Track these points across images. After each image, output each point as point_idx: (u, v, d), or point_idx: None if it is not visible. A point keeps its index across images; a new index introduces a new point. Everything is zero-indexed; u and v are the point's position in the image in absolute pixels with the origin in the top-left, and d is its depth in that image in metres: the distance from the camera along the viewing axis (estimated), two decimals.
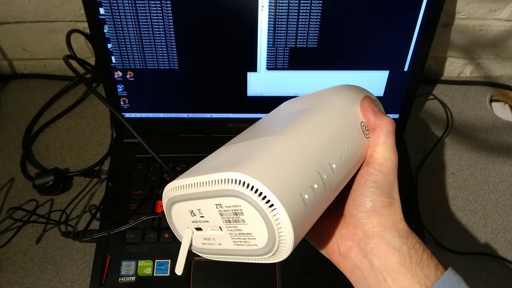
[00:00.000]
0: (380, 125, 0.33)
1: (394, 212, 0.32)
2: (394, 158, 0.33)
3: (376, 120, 0.33)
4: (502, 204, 0.61)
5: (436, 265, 0.30)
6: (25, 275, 0.53)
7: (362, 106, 0.34)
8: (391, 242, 0.31)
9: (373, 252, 0.31)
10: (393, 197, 0.32)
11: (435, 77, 0.76)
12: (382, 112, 0.34)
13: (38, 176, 0.59)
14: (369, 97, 0.35)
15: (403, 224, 0.32)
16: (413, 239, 0.31)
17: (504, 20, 0.66)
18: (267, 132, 0.31)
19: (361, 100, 0.35)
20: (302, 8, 0.51)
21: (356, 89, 0.37)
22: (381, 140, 0.33)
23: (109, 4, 0.51)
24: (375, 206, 0.31)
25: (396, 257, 0.30)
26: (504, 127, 0.69)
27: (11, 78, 0.74)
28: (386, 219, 0.31)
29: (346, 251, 0.33)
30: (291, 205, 0.25)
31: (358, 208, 0.32)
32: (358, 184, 0.33)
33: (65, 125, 0.68)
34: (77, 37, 0.65)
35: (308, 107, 0.34)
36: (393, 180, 0.33)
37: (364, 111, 0.34)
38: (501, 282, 0.54)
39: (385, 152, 0.33)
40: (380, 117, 0.33)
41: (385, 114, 0.34)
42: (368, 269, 0.32)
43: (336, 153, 0.30)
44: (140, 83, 0.57)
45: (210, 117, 0.61)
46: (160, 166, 0.60)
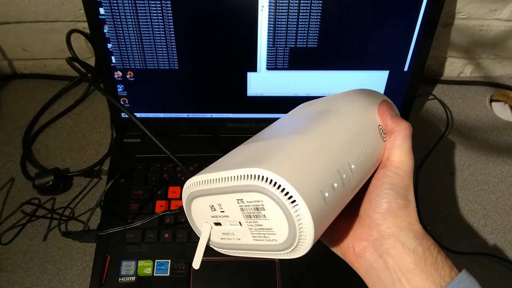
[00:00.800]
0: (397, 128, 0.34)
1: (410, 214, 0.32)
2: (410, 161, 0.33)
3: (394, 124, 0.34)
4: (502, 204, 0.61)
5: (451, 267, 0.31)
6: (25, 275, 0.53)
7: (380, 110, 0.35)
8: (406, 243, 0.31)
9: (388, 252, 0.32)
10: (409, 199, 0.33)
11: (435, 77, 0.76)
12: (399, 116, 0.35)
13: (38, 176, 0.59)
14: (386, 101, 0.36)
15: (418, 226, 0.32)
16: (428, 241, 0.31)
17: (504, 20, 0.66)
18: (286, 132, 0.32)
19: (379, 104, 0.35)
20: (302, 8, 0.51)
21: (373, 93, 0.37)
22: (397, 144, 0.34)
23: (109, 4, 0.51)
24: (391, 207, 0.32)
25: (411, 258, 0.30)
26: (504, 127, 0.69)
27: (11, 78, 0.74)
28: (402, 220, 0.32)
29: (361, 251, 0.34)
30: (313, 202, 0.26)
31: (374, 209, 0.33)
32: (375, 186, 0.33)
33: (65, 125, 0.68)
34: (77, 37, 0.65)
35: (326, 109, 0.34)
36: (409, 183, 0.33)
37: (382, 115, 0.35)
38: (501, 282, 0.54)
39: (401, 155, 0.33)
40: (398, 121, 0.34)
41: (402, 118, 0.35)
42: (383, 269, 0.32)
43: (355, 154, 0.31)
44: (140, 83, 0.57)
45: (210, 117, 0.61)
46: (161, 166, 0.60)
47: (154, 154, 0.61)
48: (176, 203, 0.57)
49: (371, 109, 0.35)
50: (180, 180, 0.59)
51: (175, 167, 0.60)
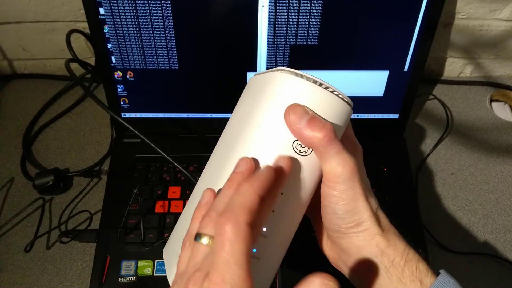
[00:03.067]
0: (314, 142, 0.27)
1: (365, 228, 0.29)
2: (345, 167, 0.28)
3: (306, 139, 0.27)
4: (502, 204, 0.61)
5: (421, 279, 0.29)
6: (25, 275, 0.53)
7: (286, 124, 0.28)
8: (375, 256, 0.29)
9: (354, 270, 0.30)
10: (359, 213, 0.29)
11: (435, 77, 0.76)
12: (313, 119, 0.27)
13: (38, 176, 0.59)
14: (292, 108, 0.27)
15: (377, 240, 0.29)
16: (391, 254, 0.29)
17: (504, 20, 0.66)
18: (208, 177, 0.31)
19: (284, 114, 0.28)
20: (302, 8, 0.51)
21: (277, 93, 0.29)
22: (322, 156, 0.28)
23: (109, 4, 0.51)
24: (341, 229, 0.30)
25: (375, 277, 0.29)
26: (504, 127, 0.69)
27: (11, 78, 0.74)
28: (358, 239, 0.29)
29: (336, 262, 0.33)
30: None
31: (328, 230, 0.31)
32: (322, 205, 0.30)
33: (65, 125, 0.68)
34: (77, 37, 0.65)
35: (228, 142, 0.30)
36: (353, 195, 0.28)
37: (292, 131, 0.28)
38: (501, 282, 0.54)
39: (331, 168, 0.28)
40: (311, 133, 0.27)
41: (317, 121, 0.27)
42: (356, 283, 0.31)
43: (263, 213, 0.27)
44: (140, 83, 0.57)
45: (210, 117, 0.61)
46: (161, 166, 0.60)
47: (154, 154, 0.60)
48: (176, 203, 0.57)
49: (276, 127, 0.28)
50: (180, 180, 0.59)
51: (175, 167, 0.60)
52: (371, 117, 0.62)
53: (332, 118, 0.29)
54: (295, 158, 0.28)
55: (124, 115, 0.61)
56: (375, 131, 0.62)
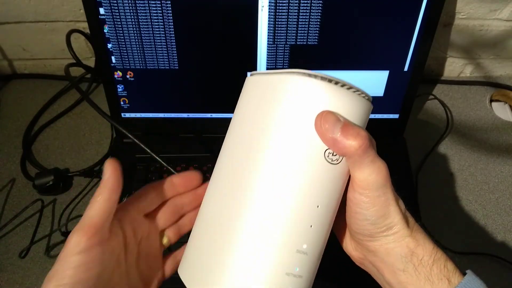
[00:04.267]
0: (349, 151, 0.26)
1: (395, 232, 0.29)
2: (377, 175, 0.28)
3: (341, 149, 0.27)
4: (502, 204, 0.61)
5: (449, 278, 0.29)
6: (25, 275, 0.53)
7: (318, 133, 0.27)
8: (395, 264, 0.30)
9: (381, 270, 0.31)
10: (390, 217, 0.29)
11: (435, 77, 0.76)
12: (346, 127, 0.26)
13: (38, 176, 0.59)
14: (323, 117, 0.26)
15: (407, 241, 0.30)
16: (420, 253, 0.29)
17: (504, 20, 0.66)
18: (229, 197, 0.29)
19: (315, 122, 0.26)
20: (302, 8, 0.51)
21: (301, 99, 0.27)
22: (355, 165, 0.27)
23: (109, 4, 0.51)
24: (372, 233, 0.30)
25: (404, 277, 0.29)
26: (504, 127, 0.69)
27: (11, 78, 0.74)
28: (387, 241, 0.30)
29: (361, 261, 0.33)
30: None
31: (356, 234, 0.31)
32: (349, 211, 0.30)
33: (65, 125, 0.68)
34: (77, 37, 0.65)
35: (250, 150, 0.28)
36: (385, 200, 0.28)
37: (323, 139, 0.27)
38: (501, 282, 0.54)
39: (363, 175, 0.28)
40: (344, 140, 0.26)
41: (351, 127, 0.26)
42: (383, 283, 0.32)
43: (302, 231, 0.26)
44: (140, 83, 0.57)
45: (210, 117, 0.61)
46: (160, 166, 0.60)
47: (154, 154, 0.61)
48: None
49: (307, 137, 0.26)
50: None
51: (175, 167, 0.60)
52: (371, 117, 0.61)
53: (358, 119, 0.28)
54: (327, 168, 0.27)
55: (124, 115, 0.61)
56: (375, 131, 0.62)
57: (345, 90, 0.27)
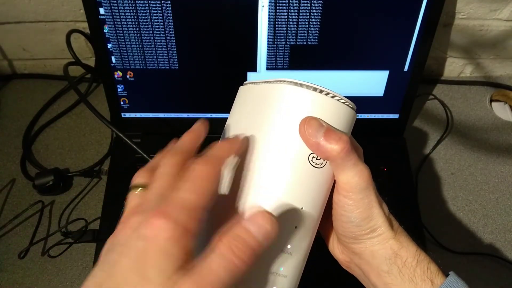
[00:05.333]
0: (332, 155, 0.27)
1: (379, 234, 0.30)
2: (360, 177, 0.28)
3: (323, 152, 0.27)
4: (502, 204, 0.61)
5: (432, 279, 0.29)
6: (25, 275, 0.53)
7: (302, 138, 0.28)
8: (380, 266, 0.30)
9: (367, 273, 0.31)
10: (374, 219, 0.30)
11: (435, 77, 0.76)
12: (329, 132, 0.27)
13: (38, 176, 0.59)
14: (307, 122, 0.27)
15: (391, 243, 0.30)
16: (404, 255, 0.30)
17: (504, 20, 0.66)
18: None
19: (299, 127, 0.28)
20: (302, 8, 0.51)
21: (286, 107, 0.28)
22: (338, 168, 0.28)
23: (109, 4, 0.51)
24: (356, 235, 0.30)
25: (389, 279, 0.30)
26: (504, 127, 0.69)
27: (11, 78, 0.74)
28: (372, 243, 0.30)
29: (347, 264, 0.34)
30: None
31: (342, 236, 0.31)
32: (335, 213, 0.30)
33: (65, 125, 0.68)
34: (77, 37, 0.65)
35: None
36: (368, 203, 0.29)
37: (307, 144, 0.28)
38: (501, 282, 0.54)
39: (348, 179, 0.28)
40: (327, 146, 0.27)
41: (333, 133, 0.27)
42: (369, 285, 0.32)
43: (286, 231, 0.28)
44: (140, 83, 0.57)
45: (210, 117, 0.61)
46: None
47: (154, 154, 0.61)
48: None
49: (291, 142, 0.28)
50: None
51: None
52: (371, 117, 0.62)
53: (341, 125, 0.29)
54: (312, 171, 0.28)
55: (124, 115, 0.61)
56: (375, 131, 0.62)
57: (329, 98, 0.28)
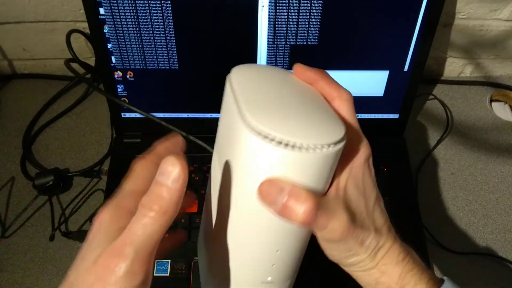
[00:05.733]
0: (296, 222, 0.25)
1: (361, 266, 0.30)
2: (335, 233, 0.27)
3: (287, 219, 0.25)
4: (502, 204, 0.61)
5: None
6: (25, 275, 0.53)
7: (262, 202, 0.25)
8: (370, 284, 0.31)
9: (363, 283, 0.32)
10: (354, 257, 0.29)
11: (435, 77, 0.76)
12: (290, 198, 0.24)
13: (38, 176, 0.59)
14: (264, 188, 0.24)
15: (372, 272, 0.30)
16: (387, 281, 0.30)
17: (504, 20, 0.66)
18: None
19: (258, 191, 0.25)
20: (302, 8, 0.51)
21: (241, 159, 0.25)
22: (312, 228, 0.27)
23: (109, 4, 0.51)
24: (339, 262, 0.31)
25: None
26: (504, 127, 0.69)
27: (11, 78, 0.74)
28: (354, 269, 0.31)
29: (348, 270, 0.33)
30: None
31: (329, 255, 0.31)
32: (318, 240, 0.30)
33: (65, 125, 0.68)
34: (77, 37, 0.65)
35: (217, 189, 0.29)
36: (345, 248, 0.29)
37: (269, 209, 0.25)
38: (501, 282, 0.54)
39: (320, 235, 0.28)
40: (288, 216, 0.25)
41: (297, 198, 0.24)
42: None
43: (264, 268, 0.29)
44: (140, 83, 0.57)
45: (210, 117, 0.61)
46: None
47: None
48: None
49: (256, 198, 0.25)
50: None
51: None
52: (371, 117, 0.62)
53: (314, 177, 0.25)
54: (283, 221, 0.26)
55: (124, 115, 0.61)
56: (375, 131, 0.62)
57: (295, 152, 0.23)
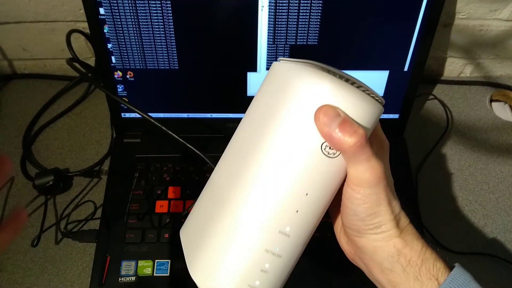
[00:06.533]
0: (343, 145, 0.26)
1: (383, 231, 0.29)
2: (372, 175, 0.27)
3: (336, 144, 0.26)
4: (502, 204, 0.61)
5: (438, 277, 0.29)
6: (25, 275, 0.53)
7: (316, 126, 0.27)
8: (383, 263, 0.30)
9: (370, 268, 0.31)
10: (379, 217, 0.29)
11: (435, 77, 0.76)
12: (345, 123, 0.26)
13: (38, 176, 0.59)
14: (323, 110, 0.26)
15: (394, 241, 0.29)
16: (408, 254, 0.29)
17: (504, 20, 0.66)
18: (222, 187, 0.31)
19: (314, 115, 0.27)
20: (302, 8, 0.51)
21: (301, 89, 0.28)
22: (350, 161, 0.27)
23: (109, 4, 0.51)
24: (360, 229, 0.30)
25: (392, 276, 0.29)
26: (504, 127, 0.69)
27: (11, 78, 0.74)
28: (375, 238, 0.30)
29: (352, 257, 0.34)
30: None
31: (346, 227, 0.31)
32: (342, 204, 0.30)
33: (65, 125, 0.68)
34: (77, 37, 0.65)
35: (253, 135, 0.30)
36: (376, 200, 0.28)
37: (321, 132, 0.27)
38: (501, 282, 0.54)
39: (357, 172, 0.27)
40: (340, 137, 0.26)
41: (349, 124, 0.26)
42: (373, 279, 0.32)
43: (287, 213, 0.28)
44: (140, 83, 0.57)
45: (210, 117, 0.61)
46: (161, 166, 0.60)
47: (154, 154, 0.61)
48: (176, 203, 0.57)
49: (306, 127, 0.27)
50: (180, 180, 0.59)
51: (175, 167, 0.60)
52: None
53: (363, 119, 0.27)
54: (322, 160, 0.27)
55: (124, 115, 0.61)
56: None
57: (353, 88, 0.27)
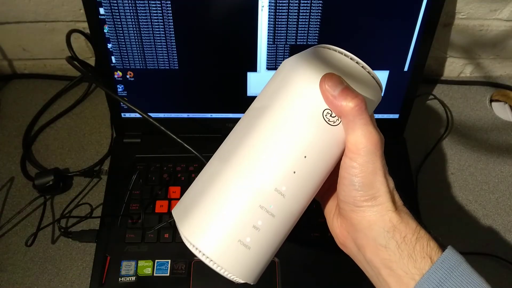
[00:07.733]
0: (344, 110, 0.28)
1: (380, 203, 0.29)
2: (369, 140, 0.28)
3: (338, 107, 0.28)
4: (502, 204, 0.61)
5: (431, 256, 0.29)
6: (25, 275, 0.53)
7: (320, 91, 0.28)
8: (378, 238, 0.29)
9: (363, 248, 0.30)
10: (376, 188, 0.29)
11: (435, 77, 0.76)
12: (347, 89, 0.28)
13: (38, 176, 0.59)
14: (328, 76, 0.28)
15: (390, 215, 0.29)
16: (403, 230, 0.29)
17: (504, 20, 0.66)
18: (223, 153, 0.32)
19: (319, 81, 0.28)
20: (302, 8, 0.51)
21: (315, 62, 0.30)
22: (349, 126, 0.28)
23: (109, 4, 0.51)
24: (356, 201, 0.30)
25: (385, 253, 0.29)
26: (504, 127, 0.69)
27: (11, 78, 0.74)
28: (371, 213, 0.29)
29: (344, 241, 0.33)
30: (231, 257, 0.28)
31: (342, 202, 0.31)
32: (339, 177, 0.30)
33: (65, 125, 0.68)
34: (77, 37, 0.65)
35: (262, 105, 0.31)
36: (372, 169, 0.29)
37: (324, 98, 0.28)
38: (501, 282, 0.54)
39: (356, 138, 0.28)
40: (341, 101, 0.28)
41: (350, 92, 0.28)
42: (363, 261, 0.31)
43: (284, 172, 0.28)
44: (140, 83, 0.57)
45: (210, 117, 0.61)
46: (160, 166, 0.60)
47: (154, 154, 0.61)
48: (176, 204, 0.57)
49: (308, 93, 0.29)
50: (180, 180, 0.59)
51: (175, 167, 0.60)
52: None
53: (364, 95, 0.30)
54: (323, 126, 0.29)
55: (124, 115, 0.61)
56: None
57: (360, 67, 0.30)
